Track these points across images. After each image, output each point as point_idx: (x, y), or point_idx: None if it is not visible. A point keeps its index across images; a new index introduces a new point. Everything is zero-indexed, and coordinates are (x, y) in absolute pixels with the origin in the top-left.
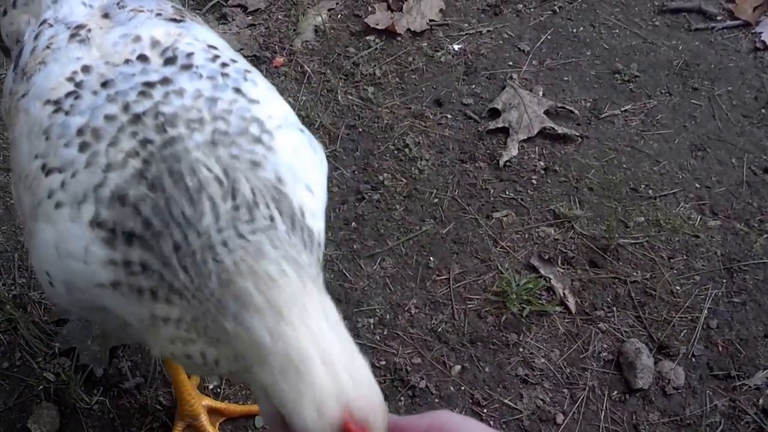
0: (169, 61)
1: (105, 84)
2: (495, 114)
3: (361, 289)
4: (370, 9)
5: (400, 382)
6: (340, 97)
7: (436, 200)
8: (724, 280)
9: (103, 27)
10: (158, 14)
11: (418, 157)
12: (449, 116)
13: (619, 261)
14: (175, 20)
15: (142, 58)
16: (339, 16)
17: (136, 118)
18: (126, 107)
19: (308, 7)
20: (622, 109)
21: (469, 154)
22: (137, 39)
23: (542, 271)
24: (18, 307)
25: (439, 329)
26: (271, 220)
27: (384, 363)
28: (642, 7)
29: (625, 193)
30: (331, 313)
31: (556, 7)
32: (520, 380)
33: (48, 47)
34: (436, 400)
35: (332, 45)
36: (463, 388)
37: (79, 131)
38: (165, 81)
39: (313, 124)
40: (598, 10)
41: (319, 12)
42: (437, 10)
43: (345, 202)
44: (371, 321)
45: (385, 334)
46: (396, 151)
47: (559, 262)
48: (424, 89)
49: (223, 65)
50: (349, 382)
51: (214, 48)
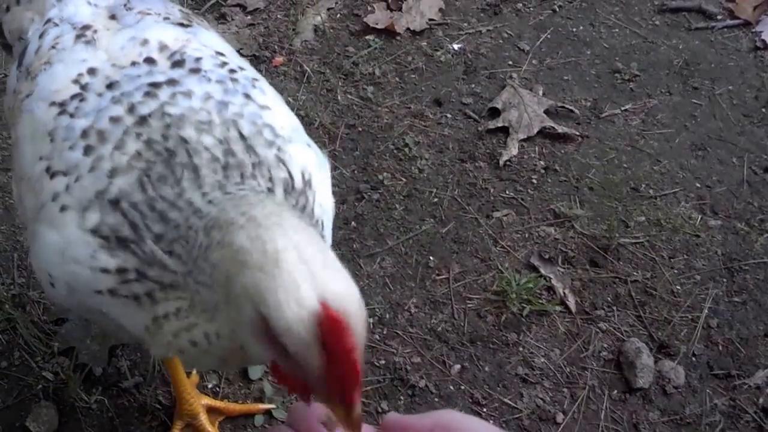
0: (177, 64)
1: (110, 86)
2: (495, 113)
3: (360, 289)
4: (369, 8)
5: (400, 382)
6: (339, 97)
7: (436, 200)
8: (725, 280)
9: (110, 29)
10: (166, 18)
11: (418, 157)
12: (449, 116)
13: (620, 260)
14: (182, 25)
15: (149, 61)
16: (338, 16)
17: (142, 120)
18: (131, 108)
19: (307, 7)
20: (623, 109)
21: (468, 154)
22: (145, 42)
23: (542, 271)
24: (17, 307)
25: (439, 328)
26: (269, 191)
27: (383, 362)
28: (642, 6)
29: (626, 192)
30: (308, 228)
31: (556, 6)
32: (520, 379)
33: (53, 47)
34: (436, 400)
35: (331, 44)
36: (462, 388)
37: (84, 133)
38: (172, 82)
39: (312, 124)
40: (598, 9)
41: (319, 11)
42: (437, 10)
43: (344, 201)
44: (371, 320)
45: (385, 333)
46: (396, 151)
47: (560, 262)
48: (423, 89)
49: (232, 71)
50: (325, 275)
51: (222, 55)
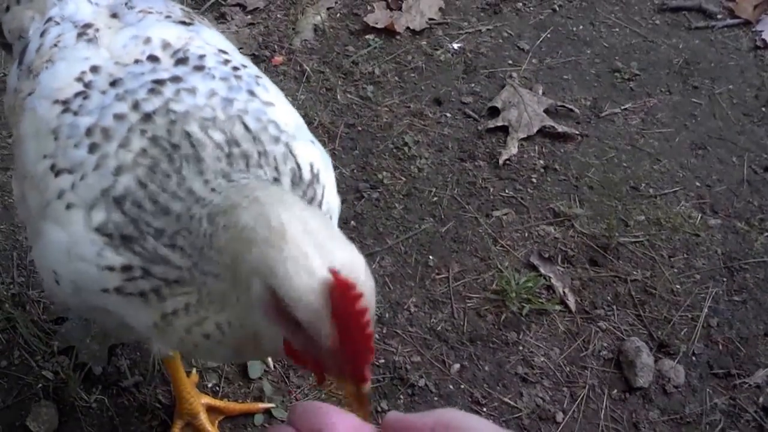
0: (181, 62)
1: (114, 83)
2: (494, 112)
3: None
4: (369, 8)
5: (400, 381)
6: (339, 96)
7: (436, 199)
8: (725, 279)
9: (112, 27)
10: (167, 16)
11: (418, 156)
12: (449, 115)
13: (620, 259)
14: (184, 23)
15: (153, 59)
16: (338, 15)
17: (147, 117)
18: (136, 105)
19: (307, 6)
20: (622, 108)
21: (468, 153)
22: (148, 40)
23: (542, 270)
24: (17, 306)
25: (439, 328)
26: (275, 180)
27: (383, 361)
28: (642, 5)
29: (626, 191)
30: (311, 206)
31: (556, 6)
32: (519, 379)
33: (55, 45)
34: (436, 399)
35: (331, 44)
36: (462, 387)
37: (88, 131)
38: (176, 79)
39: (312, 123)
40: (598, 8)
41: (318, 11)
42: (436, 9)
43: (344, 201)
44: None
45: (385, 332)
46: (395, 150)
47: (559, 261)
48: (423, 88)
49: (235, 69)
50: (332, 245)
51: (225, 52)
